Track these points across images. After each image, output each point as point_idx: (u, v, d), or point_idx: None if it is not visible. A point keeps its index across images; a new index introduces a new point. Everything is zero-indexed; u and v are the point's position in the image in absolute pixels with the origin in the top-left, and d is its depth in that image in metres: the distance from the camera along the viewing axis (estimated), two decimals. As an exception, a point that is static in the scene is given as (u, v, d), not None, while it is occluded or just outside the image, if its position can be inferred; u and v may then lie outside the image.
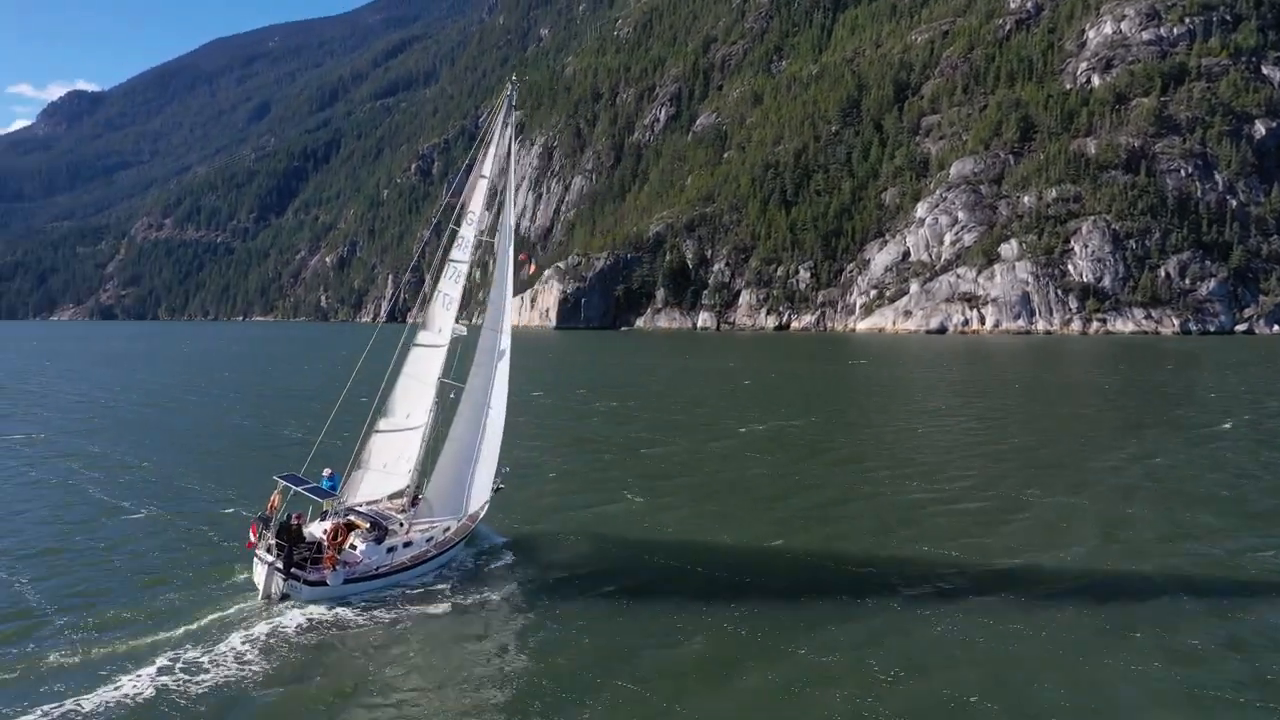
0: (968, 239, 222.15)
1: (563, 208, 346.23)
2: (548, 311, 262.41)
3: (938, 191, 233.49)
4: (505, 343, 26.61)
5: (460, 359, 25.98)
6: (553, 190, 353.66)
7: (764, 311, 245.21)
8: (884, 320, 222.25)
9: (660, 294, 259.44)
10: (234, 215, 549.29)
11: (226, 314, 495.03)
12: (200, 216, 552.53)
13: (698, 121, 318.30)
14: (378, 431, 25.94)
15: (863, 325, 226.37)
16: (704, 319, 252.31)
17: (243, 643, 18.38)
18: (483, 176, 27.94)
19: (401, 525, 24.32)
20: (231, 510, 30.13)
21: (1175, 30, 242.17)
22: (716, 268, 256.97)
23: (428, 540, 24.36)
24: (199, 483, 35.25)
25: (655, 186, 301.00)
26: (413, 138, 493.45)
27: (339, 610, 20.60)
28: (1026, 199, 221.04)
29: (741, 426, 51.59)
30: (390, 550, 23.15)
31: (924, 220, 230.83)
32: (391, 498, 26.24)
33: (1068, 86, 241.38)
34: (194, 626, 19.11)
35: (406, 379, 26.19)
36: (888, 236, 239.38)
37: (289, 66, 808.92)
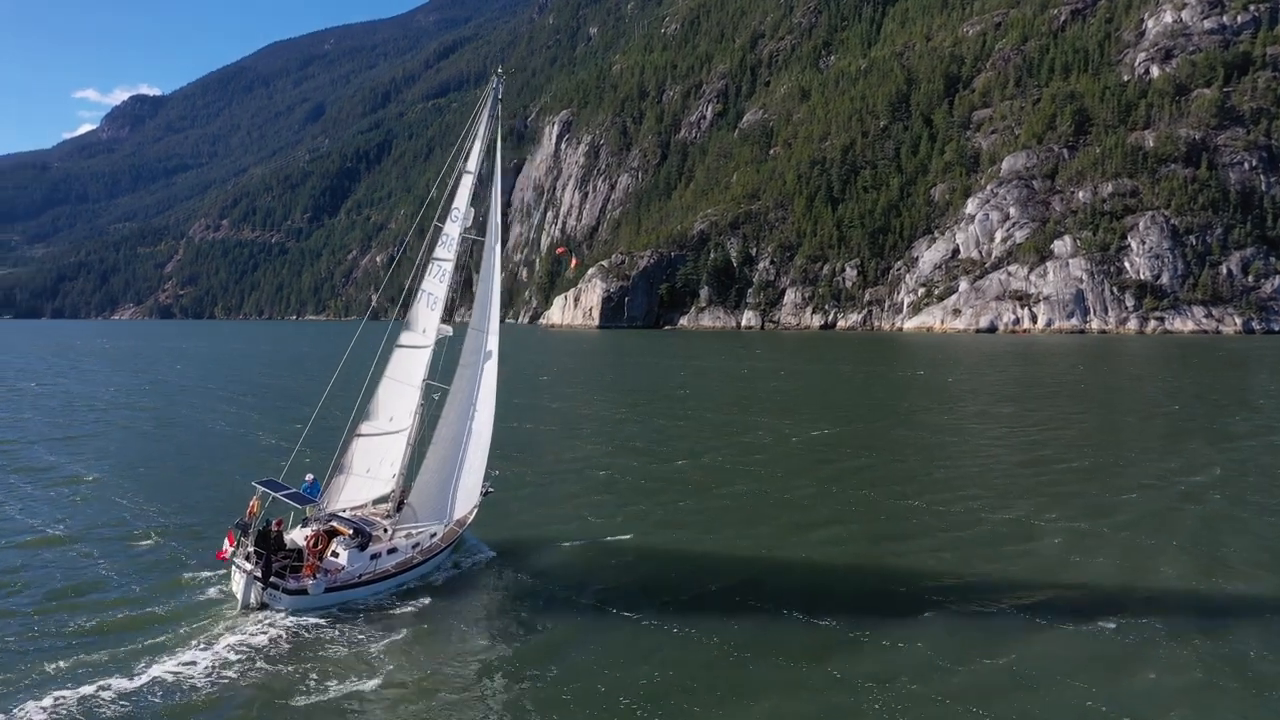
0: (1019, 235, 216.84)
1: (608, 206, 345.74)
2: (591, 310, 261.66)
3: (988, 187, 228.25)
4: (493, 344, 25.61)
5: (446, 360, 25.10)
6: (599, 189, 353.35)
7: (809, 310, 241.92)
8: (932, 319, 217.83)
9: (704, 292, 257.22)
10: (288, 216, 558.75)
11: (280, 313, 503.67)
12: (255, 217, 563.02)
13: (744, 118, 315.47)
14: (359, 435, 25.10)
15: (910, 324, 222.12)
16: (748, 318, 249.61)
17: (218, 654, 17.85)
18: (467, 172, 27.00)
19: (385, 531, 23.60)
20: (215, 517, 29.20)
21: (1239, 19, 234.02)
22: (761, 266, 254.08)
23: (413, 546, 23.69)
24: (190, 489, 34.47)
25: (701, 184, 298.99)
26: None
27: (320, 620, 19.96)
28: (1081, 194, 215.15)
29: (773, 433, 49.72)
30: (374, 557, 22.43)
31: (974, 216, 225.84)
32: (376, 503, 25.46)
33: (1125, 78, 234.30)
34: (170, 637, 18.63)
35: (389, 381, 25.37)
36: (936, 233, 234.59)
37: (343, 69, 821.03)
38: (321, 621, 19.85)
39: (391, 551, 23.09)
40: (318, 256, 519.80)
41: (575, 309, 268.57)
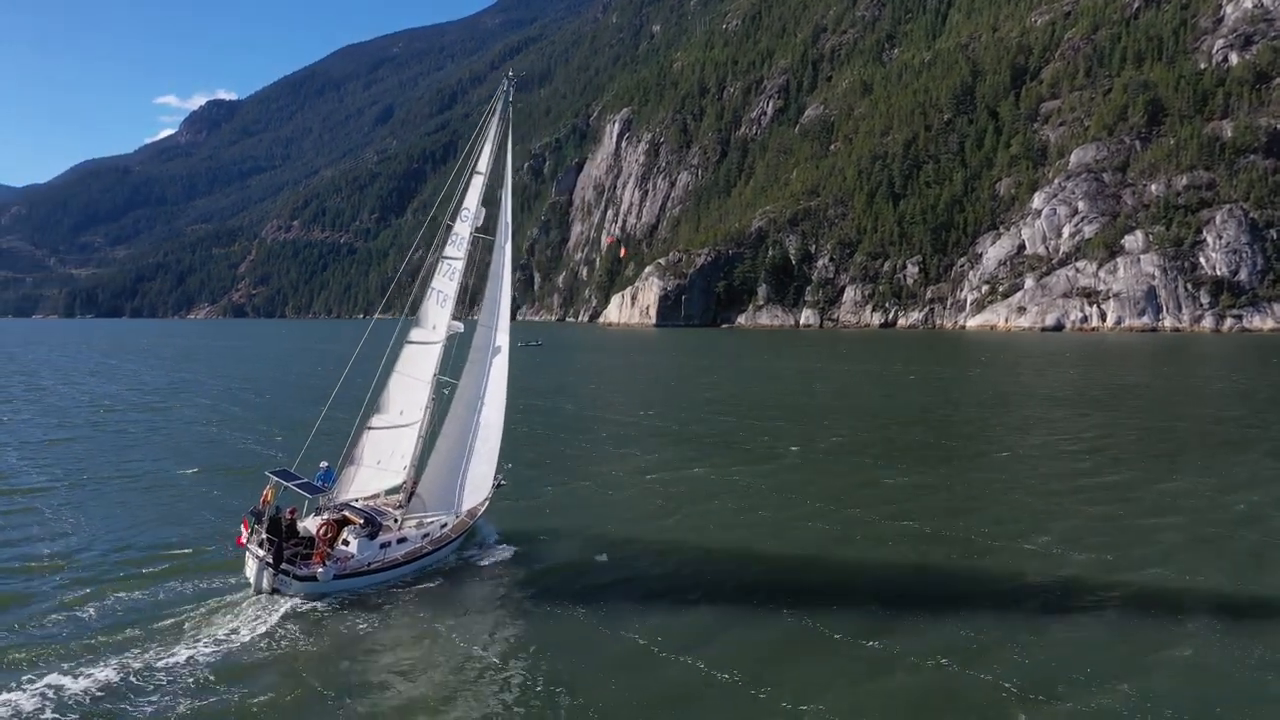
0: (1088, 230, 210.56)
1: (668, 204, 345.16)
2: (648, 309, 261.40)
3: (1056, 181, 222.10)
4: (502, 340, 26.31)
5: (457, 355, 25.71)
6: (659, 187, 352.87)
7: (869, 308, 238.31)
8: (996, 317, 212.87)
9: (762, 291, 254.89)
10: (356, 216, 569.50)
11: (348, 312, 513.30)
12: (325, 218, 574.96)
13: (805, 114, 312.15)
14: (370, 428, 25.80)
15: (973, 322, 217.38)
16: (807, 316, 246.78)
17: (229, 636, 18.47)
18: (478, 173, 27.57)
19: (396, 521, 24.19)
20: (230, 503, 29.94)
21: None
22: (820, 263, 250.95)
23: (423, 536, 24.25)
24: (207, 481, 35.42)
25: (760, 181, 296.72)
26: (526, 137, 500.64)
27: (329, 605, 20.54)
28: (1154, 187, 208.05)
29: (820, 436, 48.44)
30: (384, 546, 23.00)
31: (1041, 211, 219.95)
32: (389, 493, 26.12)
33: (1201, 66, 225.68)
34: (185, 620, 19.26)
35: (399, 376, 26.07)
36: (1001, 229, 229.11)
37: (412, 71, 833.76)
38: (331, 607, 20.45)
39: (401, 541, 23.59)
40: (384, 256, 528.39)
41: (632, 308, 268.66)
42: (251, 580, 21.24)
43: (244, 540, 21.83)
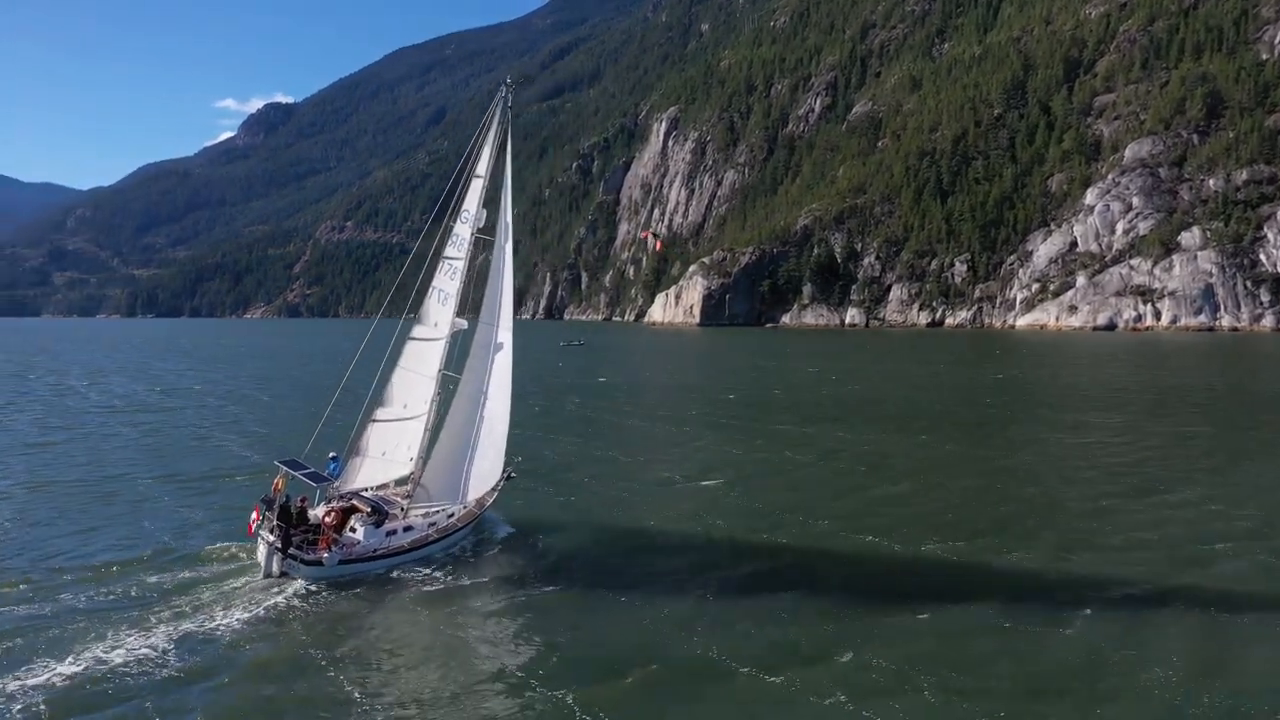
0: (1143, 227, 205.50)
1: (714, 203, 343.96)
2: (692, 308, 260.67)
3: (1110, 176, 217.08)
4: (504, 336, 27.24)
5: (461, 351, 26.78)
6: (705, 186, 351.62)
7: (916, 307, 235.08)
8: (1046, 316, 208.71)
9: (807, 289, 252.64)
10: (408, 216, 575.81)
11: (399, 311, 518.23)
12: (378, 218, 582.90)
13: (853, 111, 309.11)
14: (374, 421, 26.84)
15: (1023, 321, 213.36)
16: (852, 315, 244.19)
17: (239, 616, 19.56)
18: (477, 176, 28.62)
19: (401, 510, 25.15)
20: (244, 492, 31.20)
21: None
22: (866, 261, 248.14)
23: (430, 525, 25.07)
24: (223, 470, 36.90)
25: (807, 179, 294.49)
26: (575, 138, 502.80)
27: (335, 589, 21.56)
28: (1212, 182, 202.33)
29: (853, 435, 47.79)
30: (390, 534, 23.97)
31: (1093, 207, 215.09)
32: (398, 484, 27.04)
33: (1264, 57, 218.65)
34: (197, 600, 20.43)
35: (402, 371, 27.13)
36: (1053, 226, 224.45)
37: (464, 73, 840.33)
38: (336, 590, 21.46)
39: (408, 529, 24.50)
40: (435, 257, 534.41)
41: (676, 307, 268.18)
42: (262, 564, 22.36)
43: (253, 527, 22.85)
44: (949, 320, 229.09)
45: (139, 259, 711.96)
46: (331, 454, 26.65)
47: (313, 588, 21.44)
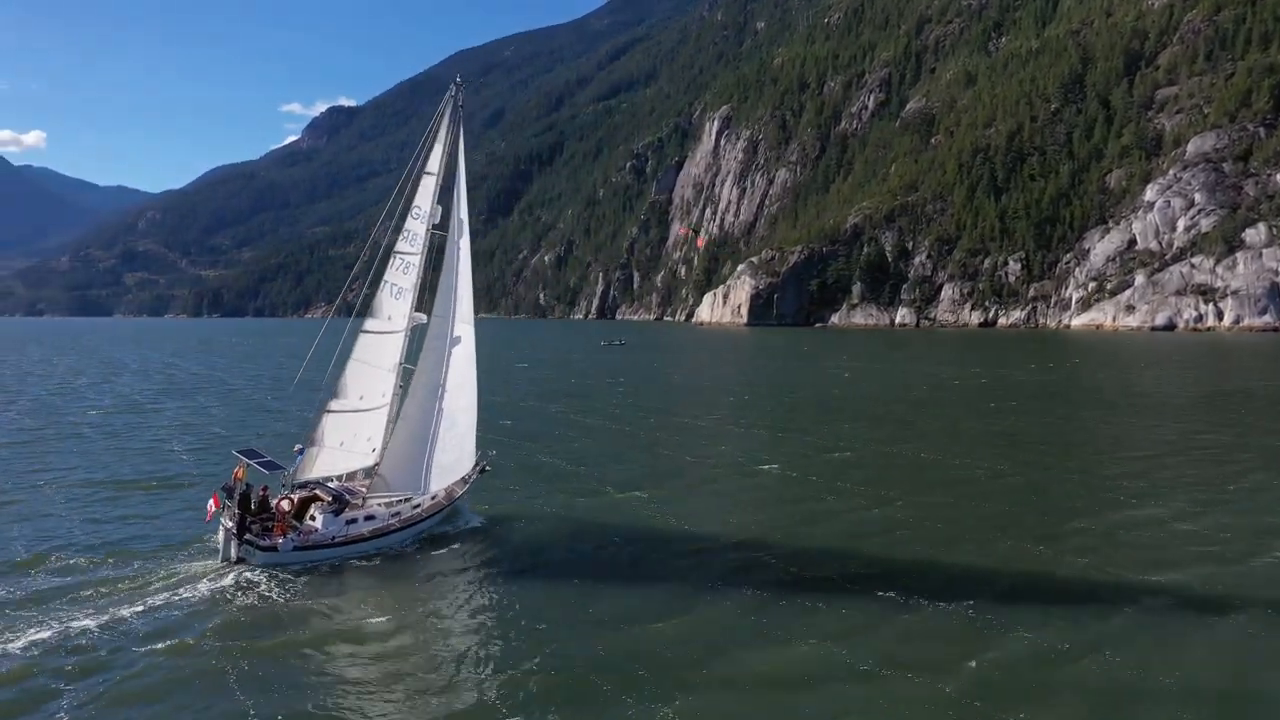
0: (1205, 224, 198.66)
1: (766, 201, 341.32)
2: (739, 308, 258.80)
3: (1171, 171, 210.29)
4: (463, 329, 27.66)
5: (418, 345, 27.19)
6: (757, 184, 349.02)
7: (968, 307, 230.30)
8: (1103, 315, 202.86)
9: (857, 289, 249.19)
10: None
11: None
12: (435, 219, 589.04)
13: (907, 107, 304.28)
14: (329, 412, 27.20)
15: (1078, 321, 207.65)
16: (902, 315, 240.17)
17: (196, 597, 20.50)
18: (428, 173, 29.68)
19: (361, 500, 25.72)
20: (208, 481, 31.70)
21: None
22: (917, 260, 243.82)
23: (393, 515, 25.57)
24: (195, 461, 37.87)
25: (859, 177, 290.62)
26: (629, 137, 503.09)
27: (291, 574, 22.26)
28: (1279, 177, 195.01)
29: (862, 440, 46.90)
30: (350, 523, 24.58)
31: (1153, 204, 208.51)
32: (367, 474, 27.42)
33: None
34: (158, 582, 21.33)
35: (355, 363, 27.50)
36: (1111, 223, 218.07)
37: (522, 74, 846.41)
38: (293, 577, 22.08)
39: (369, 518, 25.04)
40: (491, 256, 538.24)
41: (724, 306, 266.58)
42: (220, 550, 23.16)
43: (211, 514, 23.59)
44: (1002, 320, 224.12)
45: (206, 260, 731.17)
46: (297, 446, 27.05)
47: (268, 573, 22.07)
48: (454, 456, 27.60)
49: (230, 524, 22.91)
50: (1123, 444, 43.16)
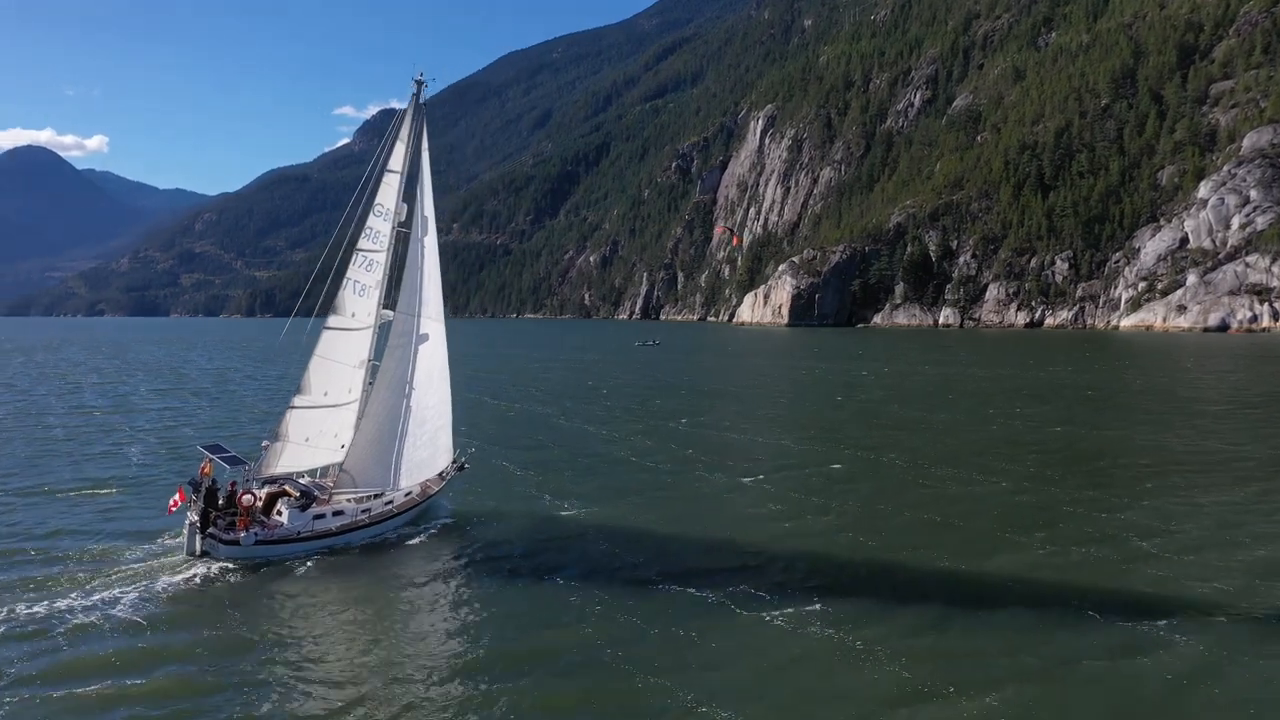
0: (1261, 221, 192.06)
1: (810, 201, 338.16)
2: (780, 308, 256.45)
3: (1225, 168, 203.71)
4: (430, 327, 27.74)
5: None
6: (800, 184, 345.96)
7: (1014, 307, 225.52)
8: (1153, 316, 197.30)
9: (899, 289, 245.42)
10: (512, 218, 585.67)
11: (501, 312, 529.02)
12: (483, 220, 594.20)
13: (954, 104, 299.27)
14: (293, 408, 27.50)
15: (1127, 322, 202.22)
16: (946, 315, 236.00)
17: (160, 588, 20.93)
18: (390, 171, 29.01)
19: (327, 495, 26.01)
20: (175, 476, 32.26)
21: None
22: (962, 260, 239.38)
23: (362, 511, 25.67)
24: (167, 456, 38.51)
25: (903, 175, 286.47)
26: (675, 137, 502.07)
27: (257, 569, 22.60)
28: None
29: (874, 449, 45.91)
30: (317, 518, 24.79)
31: (1207, 201, 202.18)
32: (343, 470, 27.50)
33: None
34: (122, 573, 21.84)
35: (319, 360, 27.73)
36: (1162, 221, 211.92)
37: (570, 75, 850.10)
38: (256, 570, 22.47)
39: (337, 514, 25.22)
40: (537, 257, 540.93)
41: (764, 306, 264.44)
42: (184, 543, 23.54)
43: (175, 506, 23.85)
44: (1049, 321, 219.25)
45: (259, 261, 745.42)
46: (265, 442, 27.42)
47: (230, 567, 22.37)
48: (427, 453, 27.45)
49: (194, 518, 23.23)
50: (1182, 454, 41.56)
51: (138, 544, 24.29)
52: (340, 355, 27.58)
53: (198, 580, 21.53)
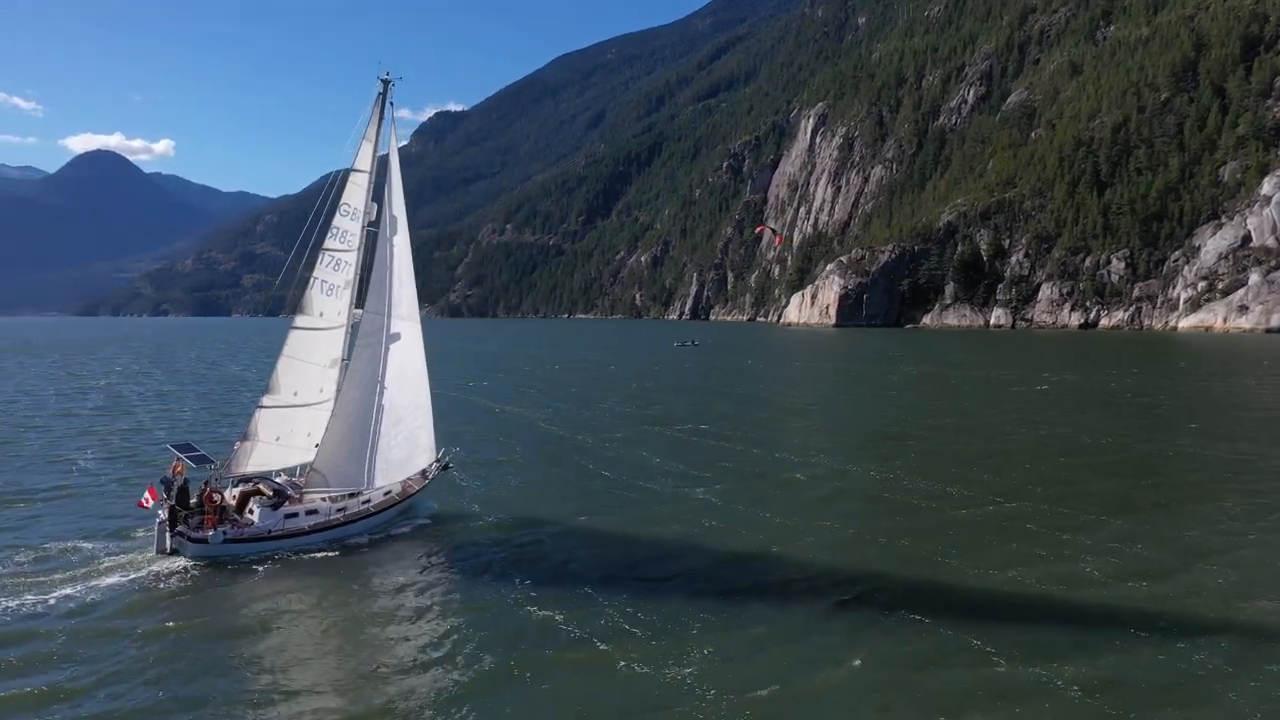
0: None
1: (861, 200, 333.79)
2: (827, 308, 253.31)
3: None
4: (401, 327, 27.57)
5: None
6: (851, 183, 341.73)
7: (1067, 307, 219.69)
8: (1212, 316, 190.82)
9: (949, 289, 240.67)
10: (564, 219, 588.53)
11: (553, 312, 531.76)
12: (536, 221, 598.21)
13: (1008, 100, 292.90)
14: (261, 407, 27.56)
15: (1186, 323, 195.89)
16: (997, 315, 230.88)
17: (129, 583, 21.32)
18: (356, 170, 28.97)
19: (299, 494, 26.12)
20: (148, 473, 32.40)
21: None
22: (1014, 259, 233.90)
23: (338, 510, 25.79)
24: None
25: (956, 173, 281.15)
26: (727, 137, 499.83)
27: (220, 567, 22.77)
28: None
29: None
30: (289, 517, 24.93)
31: (1270, 198, 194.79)
32: (313, 469, 27.54)
33: None
34: (93, 568, 22.23)
35: (287, 360, 27.72)
36: (1224, 218, 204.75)
37: (624, 76, 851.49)
38: (223, 568, 22.68)
39: (311, 513, 25.30)
40: (589, 257, 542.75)
41: (811, 307, 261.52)
42: (155, 540, 23.79)
43: (146, 504, 24.10)
44: (1104, 321, 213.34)
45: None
46: (236, 442, 27.50)
47: (198, 565, 22.60)
48: (404, 453, 27.43)
49: (164, 516, 23.52)
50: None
51: (107, 541, 24.52)
52: (309, 355, 27.58)
53: (164, 577, 21.70)
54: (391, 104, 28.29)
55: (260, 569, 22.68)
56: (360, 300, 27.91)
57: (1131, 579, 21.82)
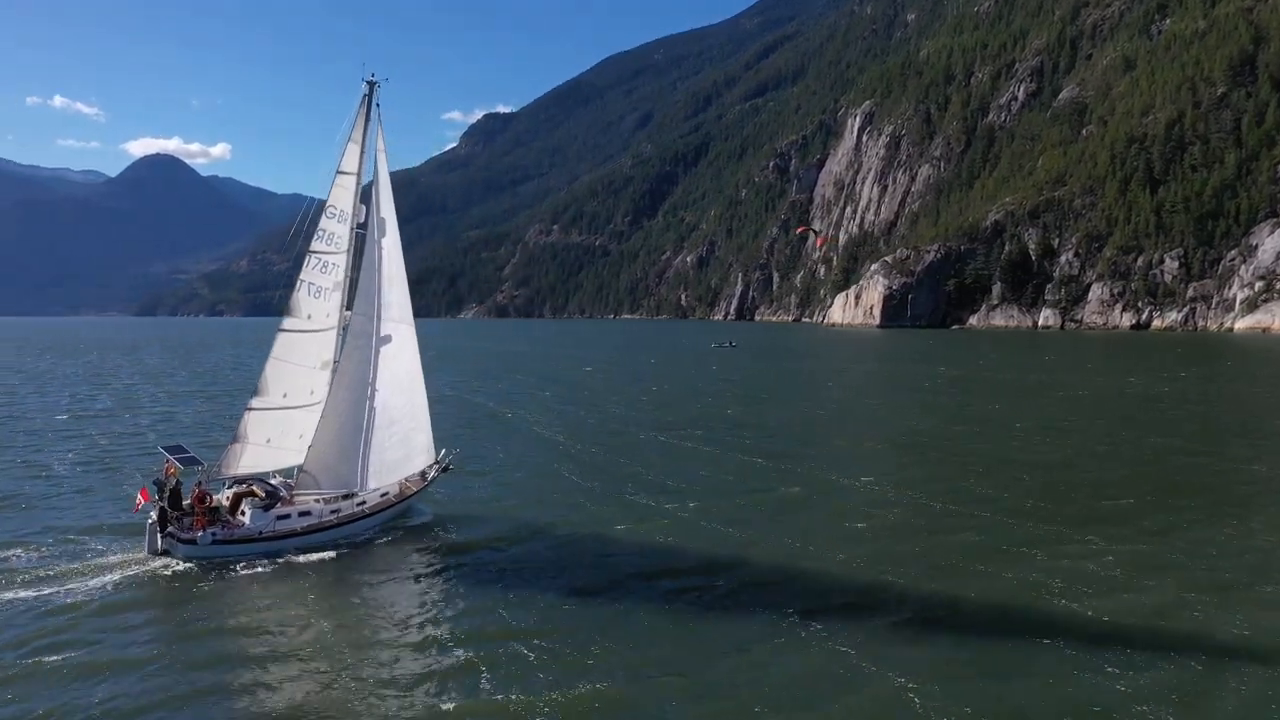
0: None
1: (908, 199, 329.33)
2: (871, 309, 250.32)
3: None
4: (395, 329, 27.71)
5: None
6: (898, 181, 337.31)
7: (1119, 308, 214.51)
8: (1270, 317, 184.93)
9: (996, 289, 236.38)
10: (611, 219, 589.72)
11: (599, 312, 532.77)
12: (582, 221, 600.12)
13: (1059, 96, 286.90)
14: (250, 410, 27.51)
15: (1242, 324, 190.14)
16: (1046, 316, 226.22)
17: (118, 582, 21.54)
18: (342, 173, 28.75)
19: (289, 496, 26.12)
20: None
21: None
22: (1063, 259, 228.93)
23: (332, 512, 25.79)
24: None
25: (1004, 172, 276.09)
26: (774, 136, 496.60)
27: (211, 567, 22.87)
28: None
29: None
30: (281, 518, 24.93)
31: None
32: (303, 471, 27.67)
33: None
34: (85, 568, 22.43)
35: (275, 362, 27.66)
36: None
37: (671, 76, 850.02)
38: (214, 568, 22.76)
39: (304, 514, 25.30)
40: (635, 258, 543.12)
41: (856, 307, 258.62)
42: (146, 541, 23.92)
43: (139, 506, 24.29)
44: (1156, 322, 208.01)
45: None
46: (227, 444, 27.37)
47: (188, 566, 22.71)
48: (399, 454, 27.55)
49: (155, 516, 23.67)
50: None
51: (97, 542, 24.65)
52: (297, 357, 27.55)
53: (152, 577, 21.82)
54: (378, 106, 27.98)
55: (249, 570, 22.75)
56: (350, 302, 27.91)
57: (1155, 596, 20.91)
